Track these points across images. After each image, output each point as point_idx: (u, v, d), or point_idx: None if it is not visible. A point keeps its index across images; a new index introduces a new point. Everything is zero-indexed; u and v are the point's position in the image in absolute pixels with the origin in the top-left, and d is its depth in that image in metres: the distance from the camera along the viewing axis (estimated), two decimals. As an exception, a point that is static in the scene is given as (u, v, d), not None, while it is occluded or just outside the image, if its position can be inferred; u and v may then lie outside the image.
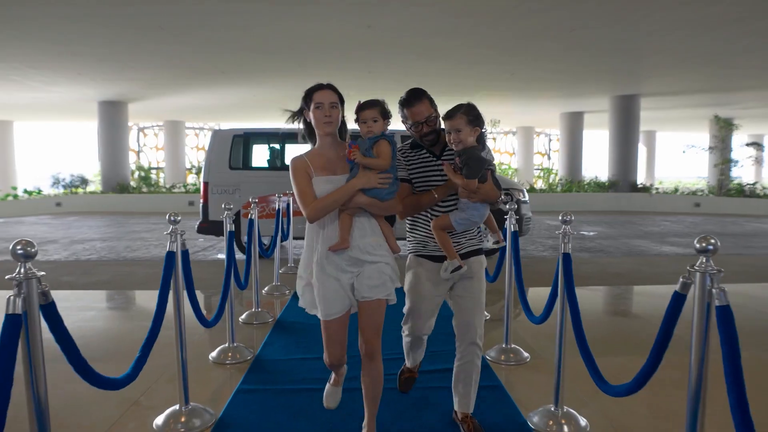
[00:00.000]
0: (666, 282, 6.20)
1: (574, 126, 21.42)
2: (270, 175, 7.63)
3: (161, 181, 22.81)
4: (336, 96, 2.21)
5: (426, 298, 2.50)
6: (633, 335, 4.32)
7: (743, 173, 23.56)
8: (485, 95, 16.91)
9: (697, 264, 1.62)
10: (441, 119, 2.40)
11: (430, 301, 2.52)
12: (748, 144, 21.19)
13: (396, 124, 2.43)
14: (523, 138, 27.68)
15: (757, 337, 4.13)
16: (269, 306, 5.09)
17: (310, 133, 2.30)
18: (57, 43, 10.53)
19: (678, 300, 1.74)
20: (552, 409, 2.73)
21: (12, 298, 1.48)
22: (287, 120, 2.32)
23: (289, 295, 5.45)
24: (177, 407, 2.73)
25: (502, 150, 28.89)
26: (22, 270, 1.51)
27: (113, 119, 18.09)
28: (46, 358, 1.59)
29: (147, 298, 5.58)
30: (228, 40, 10.41)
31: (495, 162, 2.53)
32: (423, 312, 2.52)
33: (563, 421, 2.67)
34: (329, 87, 2.22)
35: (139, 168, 21.63)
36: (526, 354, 3.68)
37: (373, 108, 2.21)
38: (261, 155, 8.16)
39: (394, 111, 2.33)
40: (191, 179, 24.76)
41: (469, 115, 2.28)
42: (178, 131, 25.23)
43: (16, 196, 17.92)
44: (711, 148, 20.57)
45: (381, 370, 2.30)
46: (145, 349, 2.29)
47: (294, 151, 4.45)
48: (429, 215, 2.48)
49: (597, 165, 20.23)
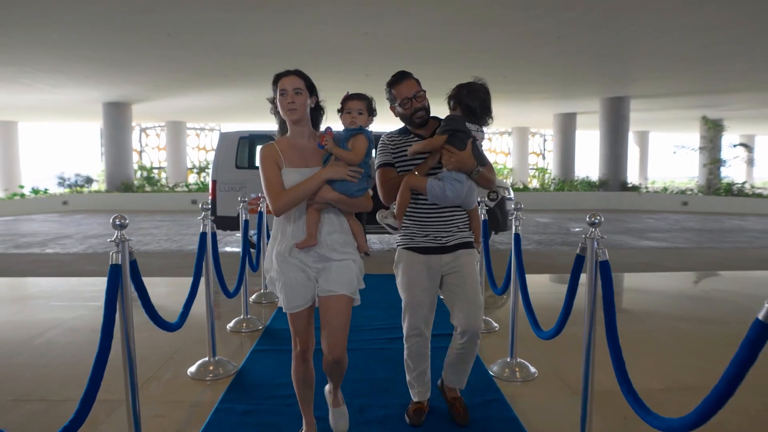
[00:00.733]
0: (632, 270, 6.80)
1: (567, 126, 21.82)
2: None
3: (163, 181, 23.30)
4: (302, 81, 2.09)
5: (418, 288, 2.44)
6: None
7: (736, 173, 24.12)
8: (480, 97, 17.40)
9: (588, 233, 2.17)
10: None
11: (423, 293, 2.44)
12: (735, 145, 21.76)
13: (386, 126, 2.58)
14: (518, 138, 28.25)
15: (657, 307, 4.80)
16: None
17: (282, 123, 2.20)
18: (69, 49, 11.03)
19: (579, 260, 2.28)
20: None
21: (113, 254, 2.04)
22: (270, 110, 2.22)
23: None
24: (206, 359, 3.35)
25: (497, 150, 29.43)
26: (118, 234, 2.05)
27: (117, 120, 18.53)
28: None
29: (165, 283, 6.12)
30: (231, 45, 10.94)
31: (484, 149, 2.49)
32: (417, 304, 2.44)
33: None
34: (294, 73, 2.12)
35: (142, 168, 22.01)
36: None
37: (361, 100, 2.14)
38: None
39: (388, 111, 2.39)
40: (192, 179, 25.24)
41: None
42: (179, 131, 25.72)
43: (23, 195, 18.31)
44: (701, 148, 21.19)
45: (346, 365, 2.23)
46: (186, 307, 2.90)
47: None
48: (416, 205, 2.44)
49: (590, 165, 20.76)
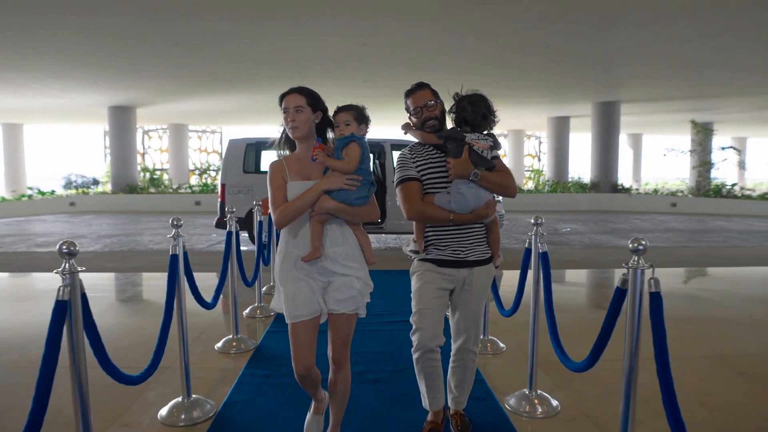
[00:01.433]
0: (607, 267, 7.35)
1: (560, 130, 22.35)
2: None
3: (167, 182, 23.74)
4: (303, 99, 2.13)
5: (431, 300, 2.40)
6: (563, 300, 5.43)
7: (727, 175, 24.63)
8: (475, 101, 17.94)
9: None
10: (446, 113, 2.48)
11: (434, 300, 2.41)
12: (724, 148, 22.31)
13: (389, 133, 2.97)
14: (514, 141, 28.84)
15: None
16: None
17: (287, 138, 2.25)
18: (79, 56, 11.55)
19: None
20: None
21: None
22: (280, 124, 2.28)
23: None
24: (230, 336, 3.88)
25: (493, 152, 29.86)
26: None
27: (123, 123, 19.08)
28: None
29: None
30: (236, 54, 11.48)
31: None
32: (428, 316, 2.39)
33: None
34: (296, 90, 2.15)
35: (145, 169, 22.39)
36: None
37: (347, 111, 2.15)
38: (270, 160, 9.22)
39: (386, 114, 2.65)
40: (194, 180, 25.67)
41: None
42: (181, 134, 26.20)
43: (30, 196, 18.65)
44: (690, 151, 21.77)
45: (349, 378, 2.30)
46: (217, 291, 3.41)
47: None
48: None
49: (584, 167, 21.27)
